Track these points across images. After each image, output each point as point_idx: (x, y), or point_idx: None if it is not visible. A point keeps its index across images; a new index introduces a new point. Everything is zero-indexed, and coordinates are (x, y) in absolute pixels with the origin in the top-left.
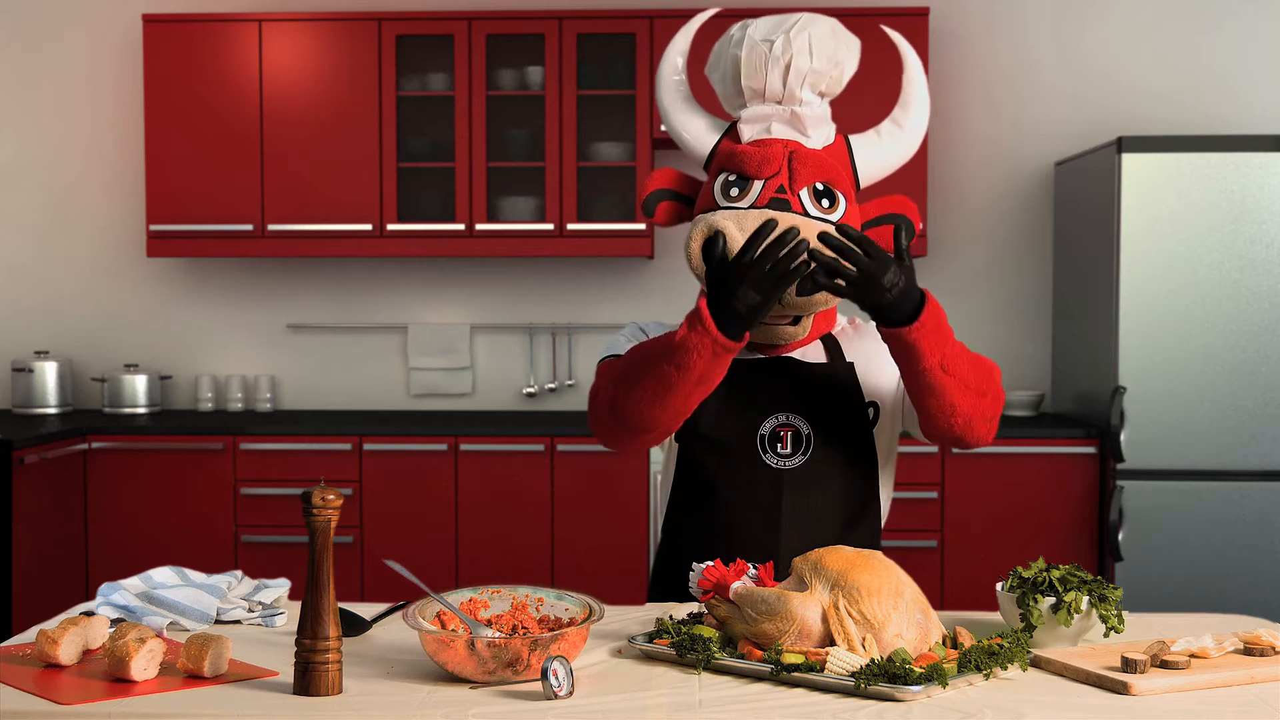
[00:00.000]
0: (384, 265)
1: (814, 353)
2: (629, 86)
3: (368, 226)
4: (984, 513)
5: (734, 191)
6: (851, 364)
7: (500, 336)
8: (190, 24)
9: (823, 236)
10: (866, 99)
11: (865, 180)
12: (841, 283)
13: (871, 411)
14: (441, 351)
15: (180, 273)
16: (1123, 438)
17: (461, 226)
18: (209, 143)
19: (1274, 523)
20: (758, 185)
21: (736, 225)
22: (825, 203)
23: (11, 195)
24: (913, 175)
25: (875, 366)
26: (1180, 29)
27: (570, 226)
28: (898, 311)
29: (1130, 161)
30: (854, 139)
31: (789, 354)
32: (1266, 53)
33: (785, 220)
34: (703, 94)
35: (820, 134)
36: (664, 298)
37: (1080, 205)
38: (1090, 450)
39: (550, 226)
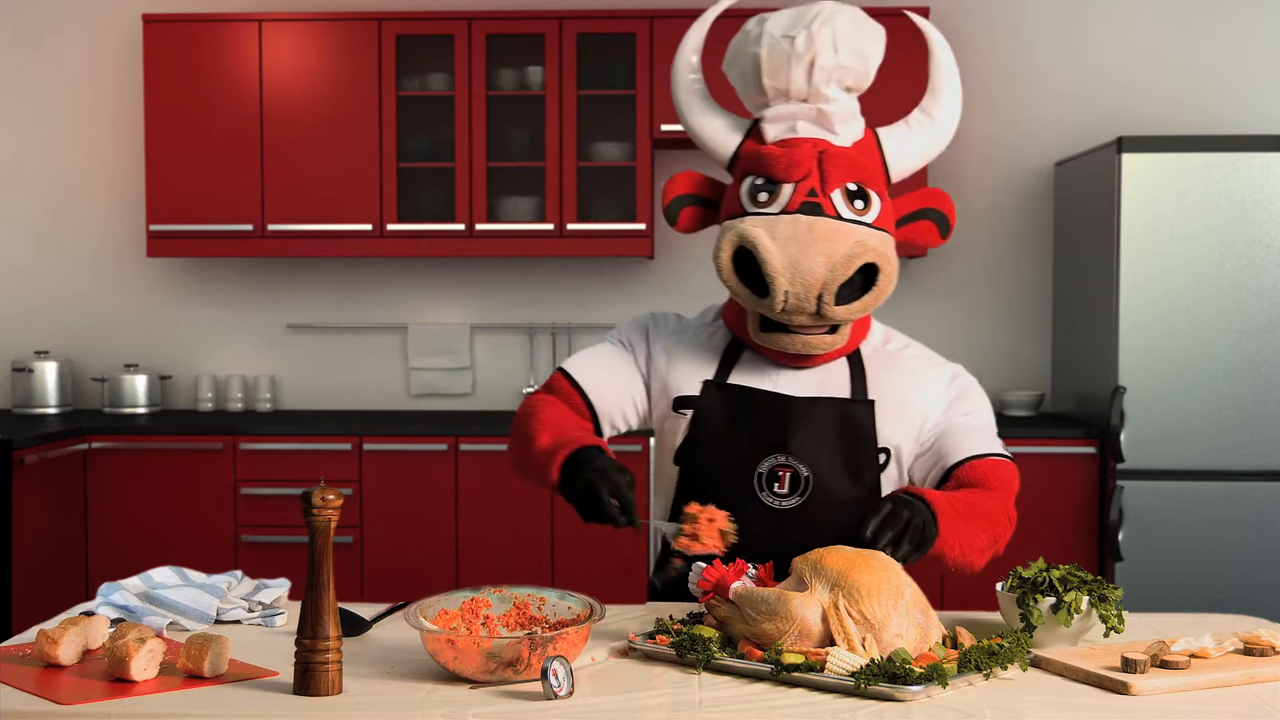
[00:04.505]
0: (384, 265)
1: (837, 377)
2: (629, 86)
3: (368, 226)
4: None
5: (763, 196)
6: (872, 403)
7: (500, 336)
8: (190, 24)
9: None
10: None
11: (897, 175)
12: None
13: (883, 457)
14: (441, 351)
15: (180, 273)
16: (1123, 438)
17: (461, 226)
18: (209, 143)
19: (1274, 523)
20: (788, 189)
21: (768, 233)
22: (859, 204)
23: (11, 195)
24: (913, 175)
25: (899, 409)
26: (1180, 29)
27: (570, 226)
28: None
29: (1130, 161)
30: (883, 132)
31: (815, 366)
32: (1266, 53)
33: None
34: (720, 90)
35: (849, 130)
36: (664, 298)
37: (1080, 205)
38: (1090, 450)
39: (550, 226)
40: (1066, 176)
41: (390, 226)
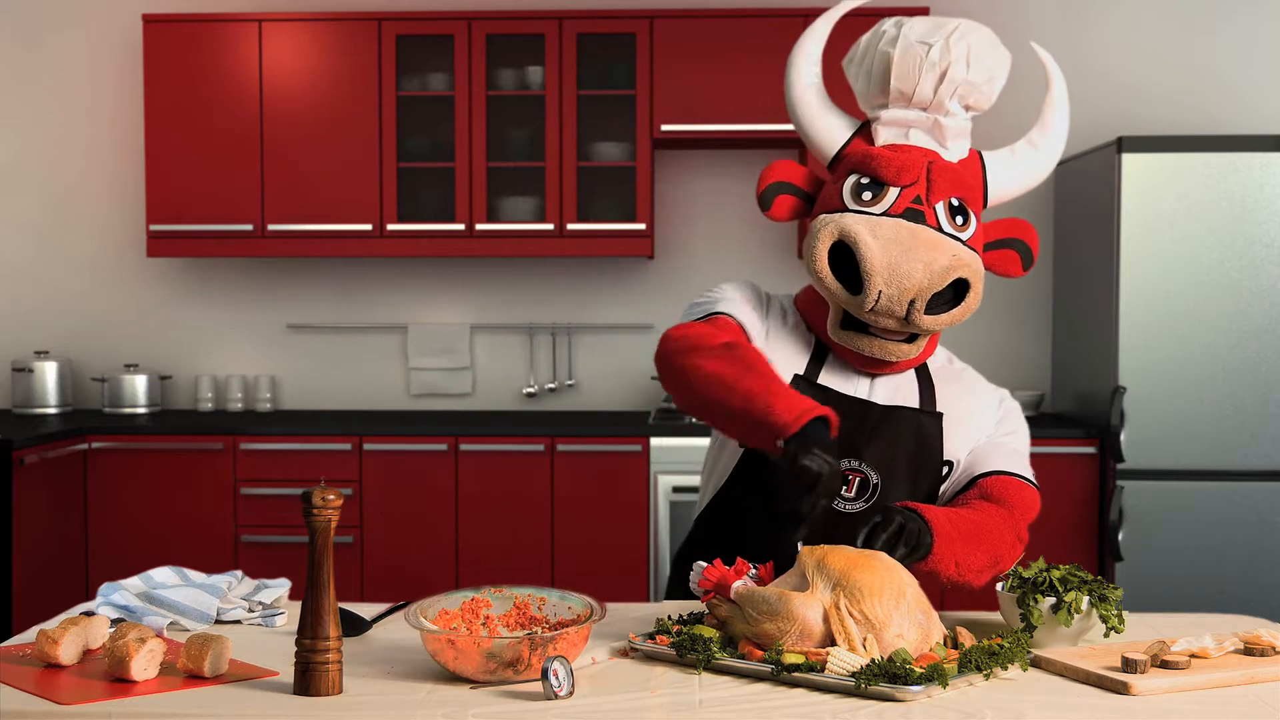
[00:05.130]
0: (384, 265)
1: (906, 388)
2: (629, 86)
3: (368, 226)
4: None
5: (866, 195)
6: (940, 415)
7: (500, 336)
8: (190, 24)
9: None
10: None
11: (994, 199)
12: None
13: (946, 469)
14: (441, 351)
15: (180, 273)
16: (1123, 438)
17: (461, 226)
18: (209, 143)
19: (1274, 523)
20: (893, 193)
21: (870, 231)
22: (959, 219)
23: (11, 195)
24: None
25: (963, 424)
26: (1180, 29)
27: (570, 226)
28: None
29: (1130, 161)
30: (988, 155)
31: (886, 374)
32: (1266, 53)
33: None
34: (829, 84)
35: (958, 147)
36: (664, 298)
37: (1080, 205)
38: (1090, 450)
39: (550, 226)
40: (1066, 176)
41: (390, 226)
